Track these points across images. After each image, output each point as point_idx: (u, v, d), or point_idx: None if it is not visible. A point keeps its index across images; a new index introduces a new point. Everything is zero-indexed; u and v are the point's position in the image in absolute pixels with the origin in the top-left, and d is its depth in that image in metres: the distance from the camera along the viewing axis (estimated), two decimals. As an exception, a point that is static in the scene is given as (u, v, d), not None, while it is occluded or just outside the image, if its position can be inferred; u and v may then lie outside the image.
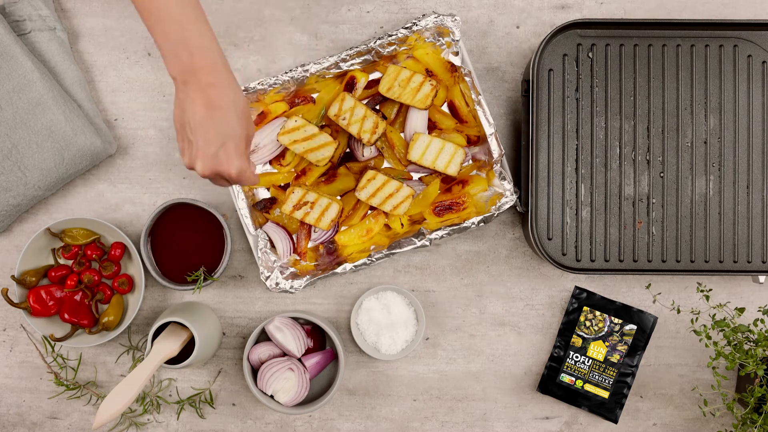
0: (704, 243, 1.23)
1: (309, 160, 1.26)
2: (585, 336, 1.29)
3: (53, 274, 1.27)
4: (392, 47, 1.25)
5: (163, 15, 0.96)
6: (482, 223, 1.23)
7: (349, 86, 1.26)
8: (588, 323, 1.29)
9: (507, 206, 1.23)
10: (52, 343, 1.29)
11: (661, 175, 1.23)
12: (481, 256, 1.31)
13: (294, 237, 1.28)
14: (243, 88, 1.24)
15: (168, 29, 0.97)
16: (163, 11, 0.96)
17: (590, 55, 1.23)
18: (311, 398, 1.28)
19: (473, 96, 1.23)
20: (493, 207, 1.23)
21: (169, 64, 0.98)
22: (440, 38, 1.26)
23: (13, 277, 1.24)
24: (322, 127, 1.27)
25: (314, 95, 1.29)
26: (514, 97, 1.32)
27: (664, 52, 1.23)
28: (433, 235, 1.23)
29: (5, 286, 1.28)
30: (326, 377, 1.30)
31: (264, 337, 1.29)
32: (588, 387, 1.29)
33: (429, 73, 1.27)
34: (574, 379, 1.29)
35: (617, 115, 1.23)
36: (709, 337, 1.18)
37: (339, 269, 1.24)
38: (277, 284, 1.24)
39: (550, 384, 1.30)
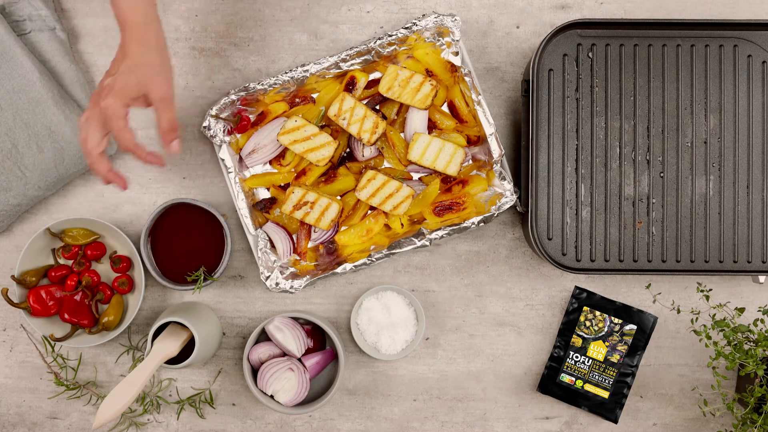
0: (704, 243, 1.23)
1: (309, 160, 1.26)
2: (585, 336, 1.29)
3: (53, 274, 1.27)
4: (392, 47, 1.25)
5: None
6: (482, 223, 1.23)
7: (349, 86, 1.26)
8: (588, 323, 1.29)
9: (507, 206, 1.23)
10: (52, 343, 1.29)
11: (661, 175, 1.23)
12: (481, 256, 1.31)
13: (294, 237, 1.28)
14: (243, 87, 1.24)
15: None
16: None
17: (590, 55, 1.23)
18: (311, 398, 1.28)
19: (473, 96, 1.23)
20: (493, 207, 1.23)
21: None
22: (440, 38, 1.26)
23: (13, 277, 1.24)
24: (322, 127, 1.27)
25: (314, 95, 1.29)
26: (514, 97, 1.32)
27: (664, 52, 1.23)
28: (433, 235, 1.23)
29: (5, 286, 1.28)
30: (326, 377, 1.30)
31: (264, 337, 1.29)
32: (588, 387, 1.29)
33: (429, 73, 1.27)
34: (574, 379, 1.29)
35: (617, 115, 1.23)
36: (709, 337, 1.18)
37: (339, 269, 1.24)
38: (277, 284, 1.24)
39: (550, 384, 1.30)
